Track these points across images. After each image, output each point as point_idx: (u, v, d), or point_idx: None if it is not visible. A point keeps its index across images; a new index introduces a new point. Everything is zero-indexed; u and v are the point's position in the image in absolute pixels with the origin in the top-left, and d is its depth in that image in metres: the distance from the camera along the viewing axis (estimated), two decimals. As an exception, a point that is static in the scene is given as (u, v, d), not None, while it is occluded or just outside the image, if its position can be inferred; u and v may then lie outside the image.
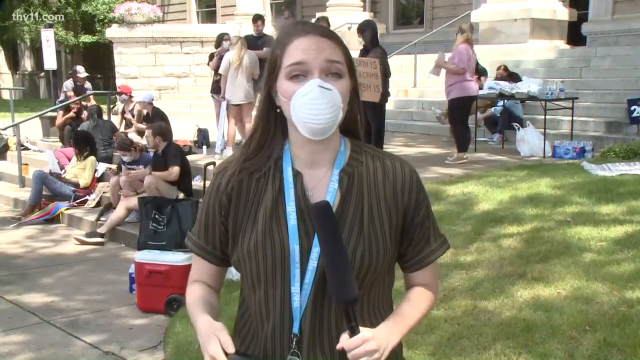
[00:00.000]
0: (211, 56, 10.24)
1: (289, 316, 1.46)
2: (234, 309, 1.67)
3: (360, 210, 1.48)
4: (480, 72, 10.09)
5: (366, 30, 7.96)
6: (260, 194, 1.51)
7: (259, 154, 1.53)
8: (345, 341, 1.38)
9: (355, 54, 8.66)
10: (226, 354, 1.37)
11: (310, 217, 1.46)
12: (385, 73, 7.78)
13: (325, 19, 9.82)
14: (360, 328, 1.39)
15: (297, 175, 1.50)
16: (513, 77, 10.57)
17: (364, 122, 1.59)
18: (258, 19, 10.22)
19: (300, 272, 1.45)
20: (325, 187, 1.49)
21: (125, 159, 7.82)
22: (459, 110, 8.30)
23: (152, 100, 9.79)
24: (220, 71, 9.13)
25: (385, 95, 7.85)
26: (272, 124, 1.53)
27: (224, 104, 9.04)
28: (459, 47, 8.17)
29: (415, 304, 1.56)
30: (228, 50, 9.32)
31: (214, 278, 1.62)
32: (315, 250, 1.45)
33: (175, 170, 7.00)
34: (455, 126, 8.48)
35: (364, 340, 1.37)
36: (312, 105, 1.41)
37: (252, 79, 8.92)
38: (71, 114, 11.01)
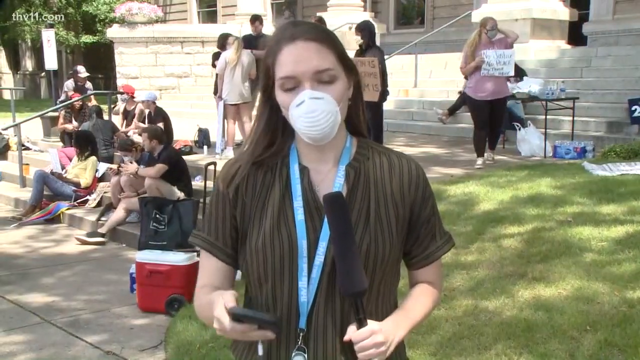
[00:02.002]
0: (214, 55, 10.21)
1: (296, 311, 1.47)
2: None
3: (366, 205, 1.50)
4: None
5: (364, 30, 7.98)
6: (268, 189, 1.52)
7: (267, 152, 1.53)
8: (352, 333, 1.39)
9: (353, 54, 8.67)
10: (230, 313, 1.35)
11: (317, 211, 1.47)
12: (384, 72, 7.78)
13: (322, 21, 9.83)
14: (368, 321, 1.40)
15: (303, 170, 1.51)
16: (518, 72, 10.47)
17: (366, 119, 1.60)
18: (256, 19, 10.23)
19: (308, 267, 1.46)
20: (331, 182, 1.50)
21: (126, 159, 7.82)
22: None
23: (156, 99, 9.81)
24: (216, 71, 9.13)
25: (384, 94, 7.86)
26: (279, 125, 1.53)
27: (221, 104, 9.04)
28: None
29: (420, 300, 1.57)
30: None
31: (225, 279, 1.57)
32: (322, 245, 1.46)
33: (159, 166, 6.96)
34: (502, 126, 8.32)
35: (371, 333, 1.38)
36: (307, 118, 1.42)
37: (250, 78, 8.92)
38: (67, 125, 11.00)
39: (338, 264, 1.40)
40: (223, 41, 9.79)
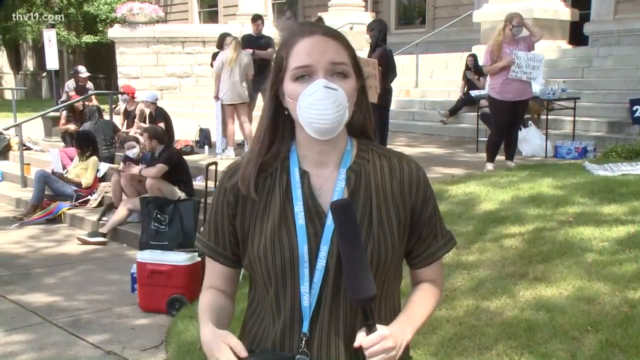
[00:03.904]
0: (214, 56, 10.21)
1: (299, 315, 1.47)
2: (237, 307, 1.67)
3: (368, 208, 1.49)
4: (482, 72, 10.05)
5: (374, 29, 7.94)
6: (268, 194, 1.52)
7: (267, 155, 1.53)
8: (362, 339, 1.39)
9: (360, 53, 8.65)
10: (239, 358, 1.38)
11: (318, 216, 1.47)
12: (385, 74, 7.73)
13: (322, 21, 9.80)
14: (377, 326, 1.40)
15: (303, 174, 1.51)
16: None
17: (373, 122, 1.60)
18: (258, 18, 10.20)
19: (309, 272, 1.46)
20: (332, 186, 1.50)
21: (135, 150, 7.74)
22: None
23: (156, 100, 9.81)
24: (213, 70, 9.13)
25: (384, 96, 7.80)
26: (281, 126, 1.53)
27: (218, 104, 9.04)
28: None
29: (423, 300, 1.57)
30: None
31: (227, 281, 1.61)
32: (324, 249, 1.46)
33: (159, 166, 6.96)
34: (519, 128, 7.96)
35: (381, 338, 1.38)
36: (318, 106, 1.41)
37: (247, 79, 8.91)
38: (69, 126, 10.98)
39: (347, 271, 1.41)
40: (222, 41, 9.79)
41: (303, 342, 1.47)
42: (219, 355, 1.40)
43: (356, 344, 1.40)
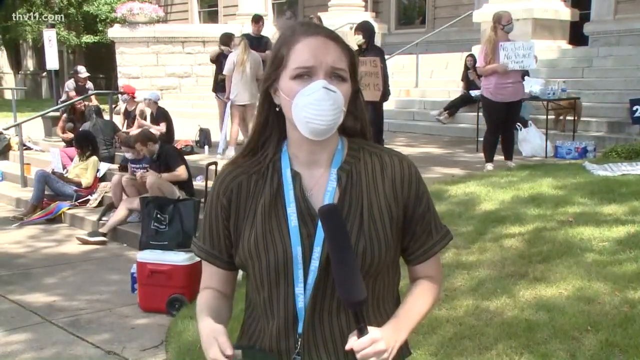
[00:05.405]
0: (216, 55, 10.19)
1: (294, 316, 1.47)
2: (237, 307, 1.67)
3: (360, 207, 1.49)
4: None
5: (364, 31, 7.94)
6: (259, 195, 1.52)
7: (257, 154, 1.54)
8: (353, 342, 1.38)
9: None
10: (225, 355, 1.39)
11: (311, 217, 1.47)
12: (385, 73, 7.76)
13: (320, 21, 9.81)
14: (369, 328, 1.39)
15: (295, 176, 1.51)
16: None
17: (368, 122, 1.60)
18: (259, 19, 10.19)
19: (303, 273, 1.46)
20: (324, 187, 1.50)
21: (128, 155, 7.78)
22: None
23: (158, 99, 9.81)
24: (224, 72, 9.12)
25: (385, 94, 7.84)
26: (270, 124, 1.53)
27: (229, 105, 9.04)
28: None
29: (419, 298, 1.57)
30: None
31: (224, 283, 1.61)
32: (317, 250, 1.46)
33: (182, 169, 7.08)
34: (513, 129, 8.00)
35: (372, 341, 1.38)
36: (316, 106, 1.41)
37: (257, 79, 8.92)
38: (65, 135, 10.94)
39: (337, 275, 1.40)
40: (226, 40, 9.77)
41: (299, 343, 1.47)
42: (209, 350, 1.41)
43: (347, 347, 1.39)
